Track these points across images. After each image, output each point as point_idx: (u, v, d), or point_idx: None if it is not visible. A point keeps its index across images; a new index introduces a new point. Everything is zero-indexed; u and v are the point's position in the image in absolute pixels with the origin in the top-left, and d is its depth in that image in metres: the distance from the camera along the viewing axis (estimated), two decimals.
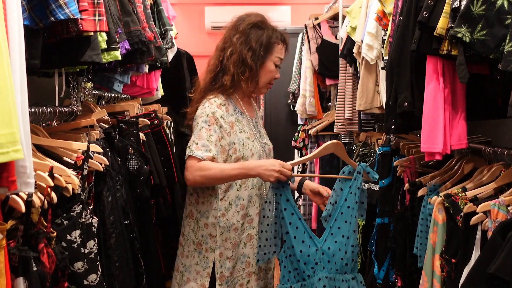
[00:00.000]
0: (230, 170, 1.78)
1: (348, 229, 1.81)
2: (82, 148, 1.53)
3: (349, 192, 1.84)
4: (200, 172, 1.76)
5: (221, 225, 1.86)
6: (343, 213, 1.81)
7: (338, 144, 1.92)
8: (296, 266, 1.76)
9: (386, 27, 2.30)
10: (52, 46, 1.40)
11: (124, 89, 2.47)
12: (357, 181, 1.84)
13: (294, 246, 1.75)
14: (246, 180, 1.89)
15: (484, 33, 1.37)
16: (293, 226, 1.76)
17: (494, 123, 2.06)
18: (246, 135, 1.92)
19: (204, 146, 1.79)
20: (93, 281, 1.38)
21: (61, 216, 1.34)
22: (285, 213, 1.75)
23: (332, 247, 1.78)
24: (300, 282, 1.77)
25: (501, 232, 1.32)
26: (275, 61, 1.97)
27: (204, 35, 6.51)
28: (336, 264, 1.78)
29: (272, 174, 1.72)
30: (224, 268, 1.85)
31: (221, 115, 1.86)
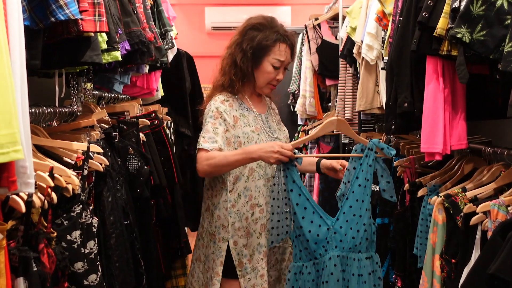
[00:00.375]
0: (233, 155, 1.84)
1: (360, 208, 1.78)
2: (82, 148, 1.53)
3: (360, 170, 1.80)
4: (207, 161, 1.85)
5: (231, 215, 1.94)
6: (355, 191, 1.80)
7: (340, 121, 1.88)
8: (306, 245, 1.78)
9: (386, 27, 2.30)
10: (52, 47, 1.40)
11: (124, 89, 2.47)
12: (369, 158, 1.80)
13: (303, 226, 1.77)
14: (253, 172, 1.94)
15: (483, 34, 1.37)
16: (300, 207, 1.77)
17: (494, 123, 2.06)
18: (251, 128, 1.96)
19: (211, 138, 1.89)
20: (93, 281, 1.37)
21: (61, 216, 1.34)
22: (292, 194, 1.77)
23: (344, 225, 1.78)
24: (312, 260, 1.79)
25: (501, 233, 1.32)
26: (273, 62, 1.96)
27: (204, 35, 6.51)
28: (348, 243, 1.78)
29: (271, 155, 1.75)
30: (241, 255, 1.94)
31: (224, 110, 1.94)
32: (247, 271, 1.93)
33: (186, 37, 6.17)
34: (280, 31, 1.97)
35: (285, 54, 1.98)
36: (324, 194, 3.54)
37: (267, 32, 1.95)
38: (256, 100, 2.08)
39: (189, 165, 3.20)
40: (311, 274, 1.78)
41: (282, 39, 1.97)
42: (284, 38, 1.97)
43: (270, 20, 2.01)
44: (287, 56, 1.99)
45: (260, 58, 1.95)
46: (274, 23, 2.00)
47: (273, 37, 1.95)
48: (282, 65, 1.99)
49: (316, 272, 1.79)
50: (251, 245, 1.94)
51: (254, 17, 2.02)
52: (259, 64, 1.96)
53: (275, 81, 2.02)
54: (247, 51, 1.94)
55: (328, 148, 3.69)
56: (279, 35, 1.96)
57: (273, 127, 2.07)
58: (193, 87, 3.40)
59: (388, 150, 1.81)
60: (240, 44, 1.96)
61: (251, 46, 1.94)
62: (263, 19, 1.99)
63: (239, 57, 1.95)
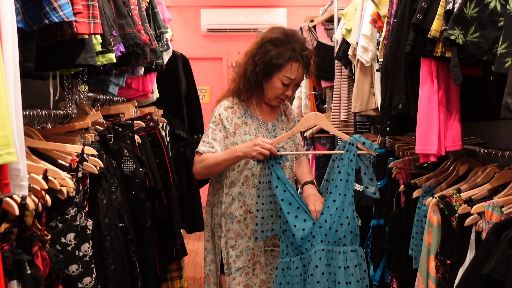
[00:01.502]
0: (221, 155, 1.91)
1: (343, 202, 1.82)
2: (76, 150, 1.52)
3: (342, 165, 1.84)
4: (200, 164, 1.95)
5: (225, 216, 2.00)
6: (337, 186, 1.83)
7: (318, 115, 1.93)
8: (292, 240, 1.82)
9: (381, 29, 2.31)
10: (46, 49, 1.40)
11: (119, 91, 2.47)
12: (350, 153, 1.83)
13: (288, 221, 1.81)
14: (248, 179, 1.99)
15: (477, 35, 1.38)
16: (285, 202, 1.81)
17: (489, 124, 2.07)
18: (250, 137, 1.98)
19: (209, 143, 1.96)
20: (88, 284, 1.37)
21: (56, 219, 1.33)
22: (277, 190, 1.81)
23: (329, 219, 1.82)
24: (299, 255, 1.82)
25: (495, 233, 1.33)
26: (283, 79, 1.93)
27: (200, 37, 6.52)
28: (333, 236, 1.82)
29: (252, 149, 1.81)
30: (229, 255, 1.99)
31: (226, 117, 1.98)
32: (232, 270, 1.98)
33: (181, 39, 6.17)
34: (296, 49, 1.91)
35: (296, 73, 1.93)
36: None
37: (282, 49, 1.91)
38: (264, 107, 2.07)
39: (184, 167, 3.20)
40: (298, 269, 1.81)
41: (296, 58, 1.91)
42: (298, 57, 1.91)
43: (291, 35, 1.95)
44: (298, 75, 1.95)
45: (270, 73, 1.93)
46: (293, 39, 1.94)
47: (287, 55, 1.90)
48: (292, 83, 1.96)
49: (303, 267, 1.82)
50: (239, 247, 2.00)
51: (276, 29, 1.99)
52: (269, 79, 1.95)
53: (283, 96, 2.00)
54: (258, 65, 1.92)
55: (324, 149, 3.70)
56: (293, 53, 1.91)
57: (279, 135, 2.03)
58: (188, 89, 3.40)
59: (370, 145, 1.83)
60: (254, 56, 1.94)
61: (263, 60, 1.91)
62: (282, 34, 1.94)
63: (250, 69, 1.95)
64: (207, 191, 2.14)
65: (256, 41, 1.99)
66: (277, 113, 2.11)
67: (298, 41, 1.95)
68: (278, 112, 2.12)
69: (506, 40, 1.26)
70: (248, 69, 1.96)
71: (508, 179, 1.62)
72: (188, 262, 4.46)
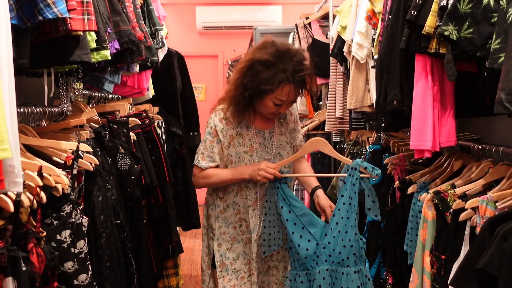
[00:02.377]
0: (226, 175, 1.96)
1: (345, 225, 1.86)
2: (71, 147, 1.52)
3: (345, 189, 1.89)
4: (204, 180, 2.00)
5: (219, 220, 2.03)
6: (340, 209, 1.87)
7: (320, 140, 1.96)
8: (298, 257, 1.88)
9: (376, 26, 2.32)
10: (40, 46, 1.39)
11: (114, 89, 2.46)
12: (352, 177, 1.88)
13: (293, 240, 1.87)
14: (241, 190, 2.01)
15: (471, 31, 1.38)
16: (290, 223, 1.88)
17: (483, 120, 2.08)
18: (244, 149, 1.99)
19: (209, 157, 1.98)
20: (83, 281, 1.37)
21: (51, 216, 1.33)
22: (282, 211, 1.89)
23: (332, 241, 1.86)
24: (305, 270, 1.88)
25: (489, 228, 1.33)
26: (274, 100, 1.87)
27: (196, 35, 6.51)
28: (336, 258, 1.86)
29: (257, 173, 1.89)
30: (224, 257, 2.01)
31: (221, 129, 1.97)
32: (228, 272, 2.00)
33: (177, 36, 6.16)
34: (288, 71, 1.81)
35: (288, 95, 1.86)
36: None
37: (272, 72, 1.81)
38: (260, 117, 2.01)
39: (180, 164, 3.20)
40: (303, 283, 1.88)
41: (287, 81, 1.82)
42: (290, 80, 1.82)
43: (283, 53, 1.83)
44: (290, 96, 1.88)
45: (261, 96, 1.87)
46: (286, 57, 1.82)
47: (277, 79, 1.81)
48: (285, 103, 1.91)
49: (308, 282, 1.88)
50: (236, 250, 2.01)
51: (269, 47, 1.86)
52: (261, 99, 1.89)
53: (277, 112, 1.96)
54: (247, 89, 1.85)
55: None
56: (285, 77, 1.81)
57: (276, 143, 2.03)
58: (184, 87, 3.40)
59: (372, 170, 1.86)
60: (243, 78, 1.86)
61: (251, 84, 1.83)
62: (273, 55, 1.83)
63: (238, 92, 1.89)
64: (206, 189, 2.15)
65: (246, 58, 1.90)
66: (273, 121, 2.06)
67: (292, 59, 1.83)
68: (274, 120, 2.06)
69: (500, 35, 1.27)
70: (237, 91, 1.89)
71: (502, 174, 1.63)
72: (184, 259, 4.46)
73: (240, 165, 1.98)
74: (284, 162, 1.98)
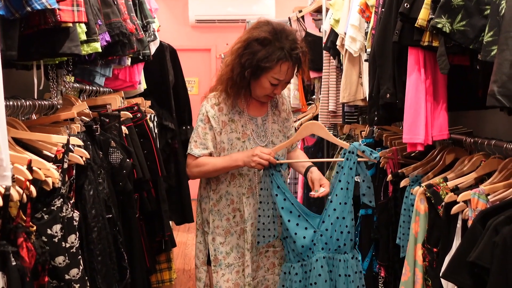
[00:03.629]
0: (220, 163, 1.92)
1: (343, 210, 1.83)
2: (62, 141, 1.50)
3: (342, 173, 1.85)
4: (197, 168, 1.95)
5: (212, 213, 2.00)
6: (338, 194, 1.84)
7: (315, 124, 1.92)
8: (293, 247, 1.84)
9: (369, 19, 2.31)
10: (30, 37, 1.37)
11: (106, 82, 2.44)
12: (350, 161, 1.83)
13: (289, 229, 1.83)
14: (234, 178, 1.98)
15: (463, 24, 1.38)
16: (286, 211, 1.83)
17: (475, 113, 2.08)
18: (237, 135, 1.96)
19: (202, 144, 1.95)
20: (75, 276, 1.36)
21: (41, 210, 1.31)
22: (277, 199, 1.84)
23: (330, 228, 1.83)
24: (300, 262, 1.85)
25: (481, 221, 1.34)
26: (271, 80, 1.87)
27: (188, 28, 6.46)
28: (334, 244, 1.84)
29: (251, 159, 1.84)
30: (218, 252, 1.99)
31: (213, 115, 1.95)
32: (221, 267, 1.98)
33: (169, 30, 6.12)
34: (285, 48, 1.82)
35: (286, 73, 1.87)
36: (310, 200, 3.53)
37: (270, 49, 1.81)
38: (253, 102, 2.01)
39: (173, 158, 3.18)
40: (298, 275, 1.84)
41: (285, 59, 1.83)
42: (287, 57, 1.83)
43: (280, 32, 1.84)
44: (287, 75, 1.88)
45: (258, 75, 1.86)
46: (282, 36, 1.83)
47: (275, 56, 1.81)
48: (281, 83, 1.91)
49: (304, 273, 1.85)
50: (230, 244, 1.99)
51: (264, 26, 1.87)
52: (257, 78, 1.88)
53: (272, 94, 1.95)
54: (245, 68, 1.84)
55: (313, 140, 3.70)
56: (283, 54, 1.82)
57: (269, 130, 2.02)
58: (176, 80, 3.37)
59: (371, 153, 1.83)
60: (240, 57, 1.85)
61: (250, 62, 1.83)
62: (270, 33, 1.83)
63: (236, 72, 1.87)
64: (198, 183, 2.13)
65: (243, 38, 1.89)
66: (267, 107, 2.06)
67: (288, 38, 1.85)
68: (267, 106, 2.06)
69: (492, 28, 1.26)
70: (235, 71, 1.87)
71: (494, 167, 1.63)
72: (177, 253, 4.45)
73: (233, 152, 1.94)
74: (279, 148, 1.93)
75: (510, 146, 1.50)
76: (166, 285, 2.91)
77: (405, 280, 1.74)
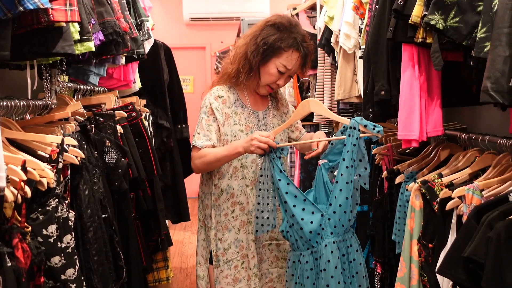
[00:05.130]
0: (221, 152, 1.89)
1: (350, 189, 1.73)
2: (56, 141, 1.49)
3: (346, 151, 1.73)
4: (200, 160, 1.93)
5: (214, 208, 2.00)
6: (343, 174, 1.73)
7: (312, 101, 1.86)
8: (301, 234, 1.74)
9: (363, 16, 2.31)
10: (23, 37, 1.36)
11: (100, 81, 2.43)
12: (353, 138, 1.72)
13: (295, 214, 1.73)
14: (237, 171, 1.98)
15: (457, 20, 1.39)
16: (290, 195, 1.74)
17: (469, 109, 2.09)
18: (240, 127, 1.97)
19: (205, 136, 1.94)
20: (71, 276, 1.36)
21: (37, 210, 1.31)
22: (280, 184, 1.75)
23: (338, 210, 1.73)
24: (310, 249, 1.75)
25: (476, 216, 1.35)
26: (279, 66, 1.91)
27: (183, 26, 6.45)
28: (343, 227, 1.75)
29: (250, 143, 1.78)
30: (217, 248, 2.00)
31: (217, 107, 1.95)
32: (220, 263, 1.99)
33: (163, 28, 6.10)
34: (298, 39, 1.91)
35: (294, 62, 1.92)
36: (305, 183, 3.56)
37: (285, 35, 1.90)
38: (254, 97, 2.05)
39: (168, 157, 3.18)
40: (308, 263, 1.75)
41: (297, 47, 1.90)
42: (299, 47, 1.91)
43: (294, 24, 1.95)
44: (295, 65, 1.94)
45: (269, 57, 1.91)
46: (296, 28, 1.93)
47: (289, 42, 1.89)
48: (287, 73, 1.94)
49: (314, 260, 1.75)
50: (227, 240, 1.99)
51: (280, 15, 1.99)
52: (266, 63, 1.92)
53: (274, 85, 1.97)
54: (260, 46, 1.90)
55: None
56: (295, 42, 1.90)
57: (269, 124, 2.04)
58: (171, 79, 3.37)
59: (373, 127, 1.71)
60: (256, 38, 1.92)
61: (265, 42, 1.89)
62: (286, 21, 1.94)
63: (251, 50, 1.92)
64: (199, 181, 2.13)
65: (259, 24, 1.97)
66: (267, 102, 2.09)
67: (300, 32, 1.94)
68: (268, 101, 2.10)
69: (485, 24, 1.27)
70: (250, 50, 1.92)
71: (488, 163, 1.64)
72: (174, 252, 4.45)
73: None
74: (278, 130, 1.89)
75: (504, 141, 1.51)
76: (163, 284, 2.91)
77: (401, 276, 1.74)
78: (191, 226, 5.32)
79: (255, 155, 1.94)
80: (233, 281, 1.98)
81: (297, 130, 2.18)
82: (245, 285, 1.99)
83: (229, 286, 1.98)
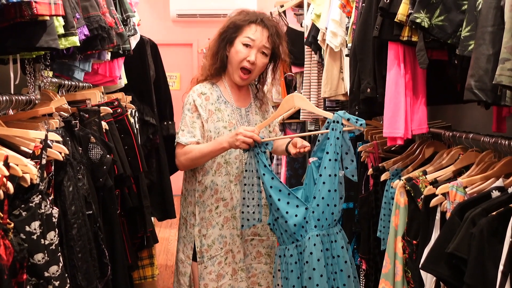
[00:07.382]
0: (206, 147, 1.91)
1: (334, 182, 1.75)
2: (40, 137, 1.47)
3: (329, 144, 1.75)
4: (184, 156, 1.94)
5: (198, 205, 2.00)
6: (326, 167, 1.75)
7: (297, 96, 1.87)
8: (286, 228, 1.77)
9: (350, 14, 2.32)
10: (5, 31, 1.34)
11: (85, 77, 2.40)
12: (336, 131, 1.74)
13: (280, 208, 1.76)
14: (220, 167, 1.98)
15: (442, 19, 1.40)
16: (275, 189, 1.77)
17: (454, 108, 2.12)
18: (223, 124, 1.98)
19: (190, 132, 1.95)
20: (54, 273, 1.34)
21: (19, 207, 1.29)
22: (265, 178, 1.78)
23: (321, 203, 1.75)
24: (295, 243, 1.77)
25: (459, 213, 1.37)
26: (243, 41, 1.96)
27: (169, 23, 6.40)
28: (327, 220, 1.76)
29: (235, 138, 1.80)
30: (201, 244, 2.00)
31: (200, 104, 1.97)
32: (204, 259, 1.99)
33: (150, 24, 6.05)
34: (257, 14, 1.99)
35: (257, 34, 1.96)
36: (291, 181, 3.57)
37: (242, 15, 1.99)
38: (237, 93, 2.06)
39: (154, 154, 3.16)
40: (293, 257, 1.77)
41: (256, 21, 1.97)
42: (258, 21, 1.97)
43: (258, 13, 2.03)
44: (260, 37, 1.96)
45: (233, 38, 1.97)
46: (256, 11, 2.02)
47: (247, 18, 1.97)
48: (255, 46, 1.96)
49: (299, 254, 1.77)
50: (211, 236, 1.99)
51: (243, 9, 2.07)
52: (232, 45, 1.98)
53: (246, 62, 1.95)
54: (222, 34, 1.99)
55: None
56: (254, 17, 1.97)
57: (252, 122, 2.05)
58: (157, 75, 3.34)
59: (356, 121, 1.73)
60: (221, 30, 2.02)
61: (226, 30, 1.98)
62: (250, 11, 2.02)
63: (217, 44, 2.00)
64: (182, 178, 2.12)
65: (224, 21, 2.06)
66: (250, 99, 2.11)
67: (265, 16, 2.01)
68: (250, 98, 2.11)
69: (470, 23, 1.28)
70: (216, 44, 2.01)
71: (471, 160, 1.66)
72: (159, 249, 4.43)
73: None
74: (262, 125, 1.90)
75: (487, 139, 1.53)
76: (149, 281, 2.89)
77: (386, 272, 1.76)
78: (177, 223, 5.29)
79: (238, 151, 1.95)
80: (217, 277, 1.99)
81: (274, 132, 2.20)
82: (228, 280, 1.99)
83: (212, 282, 1.98)
